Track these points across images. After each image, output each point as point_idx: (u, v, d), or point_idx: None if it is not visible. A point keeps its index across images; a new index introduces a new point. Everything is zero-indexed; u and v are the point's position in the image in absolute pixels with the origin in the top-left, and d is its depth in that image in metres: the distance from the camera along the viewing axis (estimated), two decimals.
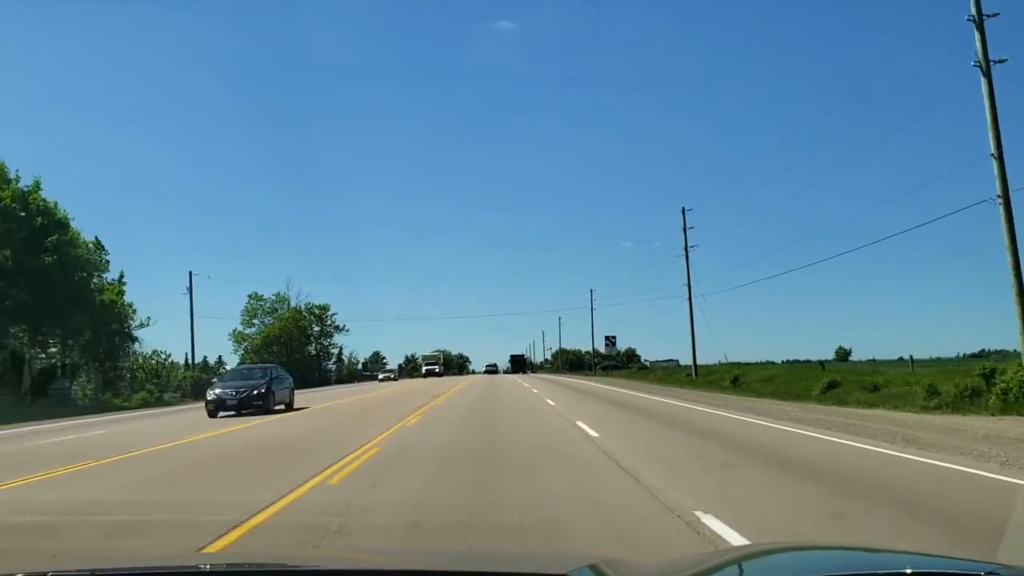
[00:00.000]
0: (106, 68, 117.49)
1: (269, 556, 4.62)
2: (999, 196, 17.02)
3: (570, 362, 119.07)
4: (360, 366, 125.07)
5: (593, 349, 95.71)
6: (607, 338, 61.55)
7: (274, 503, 7.15)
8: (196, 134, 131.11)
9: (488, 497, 7.55)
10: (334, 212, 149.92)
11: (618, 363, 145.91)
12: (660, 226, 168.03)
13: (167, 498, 8.32)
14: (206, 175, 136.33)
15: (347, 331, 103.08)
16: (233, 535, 5.86)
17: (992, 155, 17.17)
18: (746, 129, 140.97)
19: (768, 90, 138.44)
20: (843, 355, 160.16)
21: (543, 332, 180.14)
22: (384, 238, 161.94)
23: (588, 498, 7.32)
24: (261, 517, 6.53)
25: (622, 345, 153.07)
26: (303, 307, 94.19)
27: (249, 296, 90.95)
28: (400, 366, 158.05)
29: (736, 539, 5.34)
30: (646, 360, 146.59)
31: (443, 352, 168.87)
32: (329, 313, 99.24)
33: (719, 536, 5.48)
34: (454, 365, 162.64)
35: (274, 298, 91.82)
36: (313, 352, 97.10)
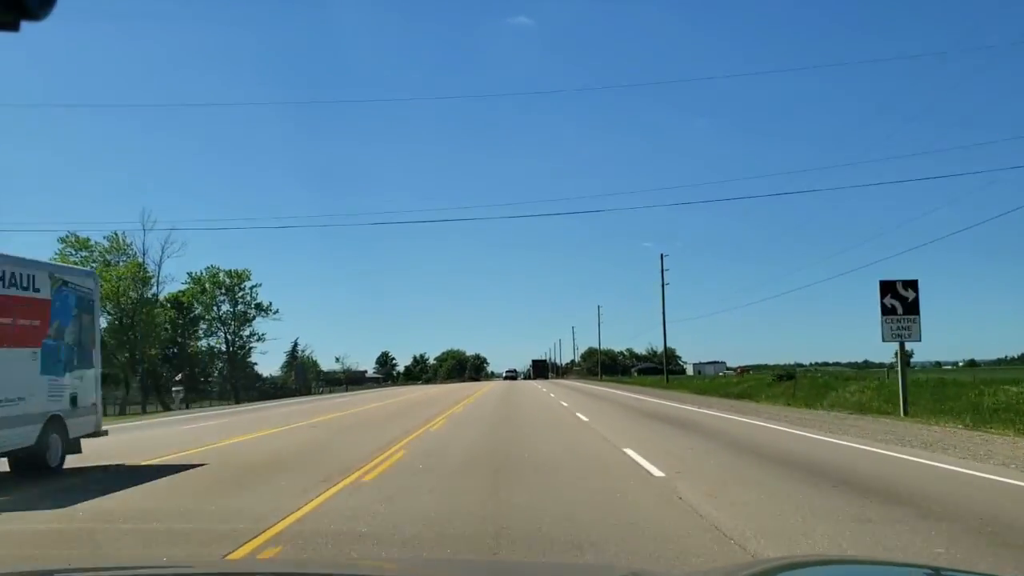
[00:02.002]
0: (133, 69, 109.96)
1: (290, 564, 4.44)
2: None
3: (603, 364, 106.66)
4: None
5: (665, 344, 70.34)
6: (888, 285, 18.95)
7: None
8: (221, 134, 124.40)
9: None
10: (351, 213, 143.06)
11: (657, 366, 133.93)
12: (678, 225, 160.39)
13: None
14: (231, 174, 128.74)
15: (277, 315, 63.09)
16: None
17: None
18: (765, 130, 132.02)
19: (791, 92, 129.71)
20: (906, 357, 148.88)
21: (573, 327, 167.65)
22: (401, 238, 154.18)
23: None
24: None
25: (658, 346, 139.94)
26: (204, 275, 59.19)
27: (61, 240, 46.26)
28: (401, 370, 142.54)
29: None
30: (684, 362, 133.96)
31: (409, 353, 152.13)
32: (249, 285, 61.28)
33: None
34: (469, 367, 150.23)
35: (107, 244, 47.95)
36: (223, 348, 62.19)
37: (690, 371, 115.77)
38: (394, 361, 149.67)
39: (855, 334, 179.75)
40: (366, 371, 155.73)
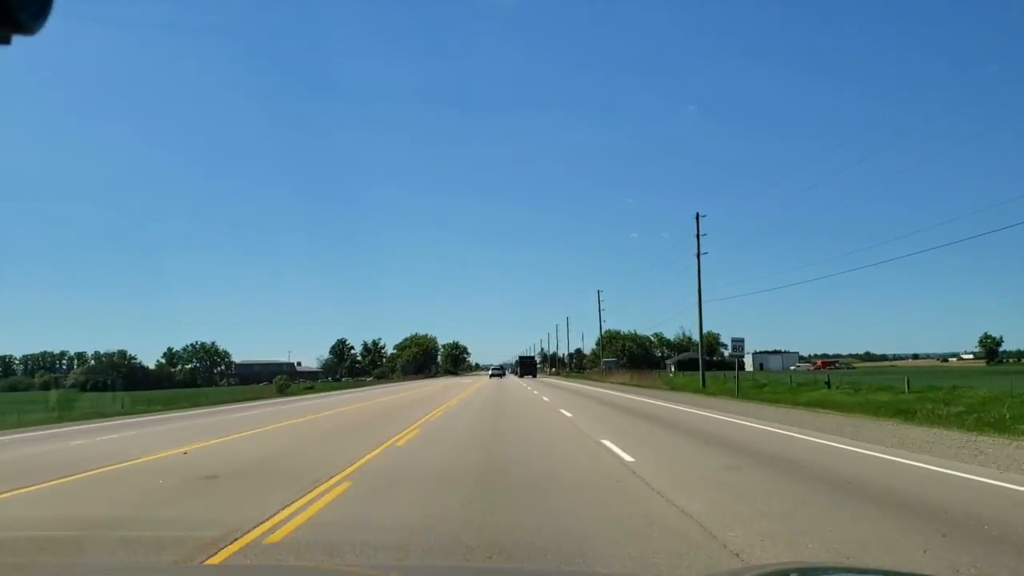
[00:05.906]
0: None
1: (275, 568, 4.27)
2: None
3: (631, 354, 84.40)
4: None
5: None
6: None
7: None
8: (215, 139, 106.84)
9: None
10: (344, 212, 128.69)
11: (707, 357, 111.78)
12: (670, 217, 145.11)
13: None
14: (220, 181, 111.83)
15: None
16: None
17: None
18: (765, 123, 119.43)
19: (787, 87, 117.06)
20: (991, 345, 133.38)
21: (599, 291, 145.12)
22: (395, 233, 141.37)
23: None
24: None
25: (691, 330, 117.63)
26: None
27: None
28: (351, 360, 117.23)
29: None
30: (734, 353, 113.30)
31: (427, 337, 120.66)
32: None
33: None
34: (444, 358, 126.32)
35: None
36: None
37: (749, 364, 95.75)
38: (352, 350, 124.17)
39: (861, 324, 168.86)
40: (297, 363, 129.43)
